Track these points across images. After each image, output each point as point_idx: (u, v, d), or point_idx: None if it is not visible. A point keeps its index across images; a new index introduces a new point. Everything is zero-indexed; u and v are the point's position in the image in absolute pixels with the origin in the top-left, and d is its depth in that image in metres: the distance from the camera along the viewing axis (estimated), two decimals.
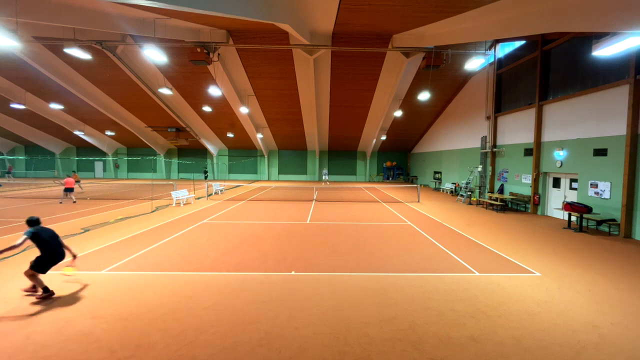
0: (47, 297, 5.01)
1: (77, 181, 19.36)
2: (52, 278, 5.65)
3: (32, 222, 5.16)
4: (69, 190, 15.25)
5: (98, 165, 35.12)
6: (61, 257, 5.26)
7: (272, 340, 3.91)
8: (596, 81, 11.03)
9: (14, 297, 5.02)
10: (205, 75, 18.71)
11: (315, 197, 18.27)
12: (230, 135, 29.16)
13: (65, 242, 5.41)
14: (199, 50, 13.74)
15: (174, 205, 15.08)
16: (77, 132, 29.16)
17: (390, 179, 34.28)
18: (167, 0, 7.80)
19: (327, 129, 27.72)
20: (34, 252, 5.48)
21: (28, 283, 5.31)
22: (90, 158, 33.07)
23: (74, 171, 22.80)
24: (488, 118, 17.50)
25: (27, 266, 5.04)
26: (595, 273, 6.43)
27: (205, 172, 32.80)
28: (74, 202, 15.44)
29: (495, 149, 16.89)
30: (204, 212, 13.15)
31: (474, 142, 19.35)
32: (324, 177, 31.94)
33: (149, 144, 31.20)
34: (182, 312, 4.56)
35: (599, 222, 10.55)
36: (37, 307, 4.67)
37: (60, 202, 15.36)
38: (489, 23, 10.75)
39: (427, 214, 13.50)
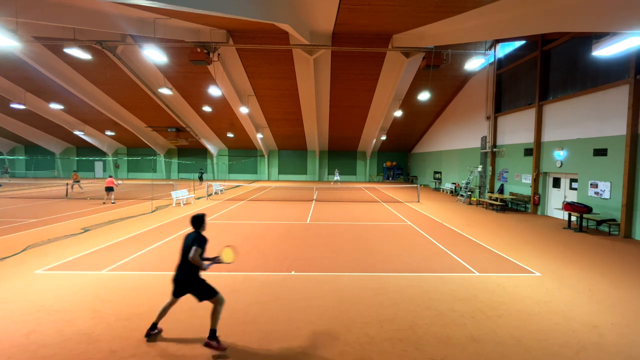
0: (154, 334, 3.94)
1: (77, 181, 19.35)
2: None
3: (193, 221, 4.08)
4: (109, 189, 15.35)
5: (98, 165, 35.10)
6: (178, 279, 3.87)
7: (272, 340, 3.91)
8: (596, 81, 11.02)
9: (14, 297, 5.02)
10: (205, 75, 18.70)
11: (315, 197, 18.27)
12: (230, 135, 29.14)
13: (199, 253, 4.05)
14: (199, 50, 13.73)
15: (174, 205, 15.07)
16: (77, 132, 29.15)
17: (390, 179, 34.26)
18: (167, 0, 7.80)
19: (327, 129, 27.71)
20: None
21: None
22: (90, 158, 33.08)
23: (74, 171, 22.74)
24: (488, 118, 17.50)
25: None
26: (595, 273, 6.43)
27: (200, 173, 31.22)
28: (113, 202, 15.50)
29: (495, 149, 16.88)
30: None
31: (474, 142, 19.35)
32: (335, 178, 32.28)
33: (149, 144, 31.18)
34: (182, 313, 4.56)
35: (599, 222, 10.55)
36: (37, 308, 4.67)
37: (113, 202, 15.49)
38: (489, 23, 10.75)
39: (427, 214, 13.50)
